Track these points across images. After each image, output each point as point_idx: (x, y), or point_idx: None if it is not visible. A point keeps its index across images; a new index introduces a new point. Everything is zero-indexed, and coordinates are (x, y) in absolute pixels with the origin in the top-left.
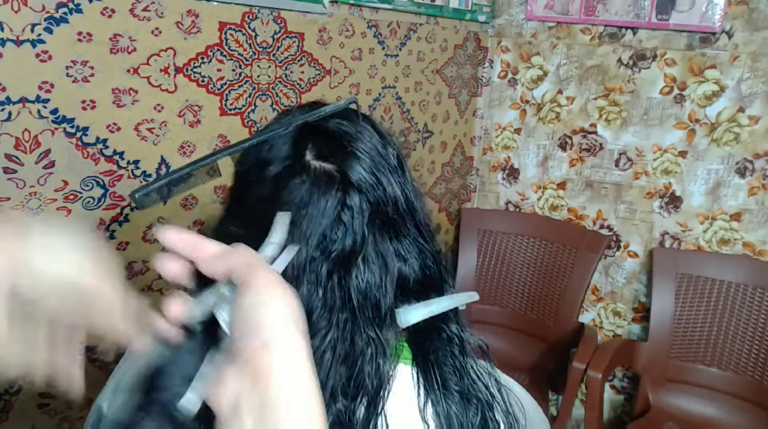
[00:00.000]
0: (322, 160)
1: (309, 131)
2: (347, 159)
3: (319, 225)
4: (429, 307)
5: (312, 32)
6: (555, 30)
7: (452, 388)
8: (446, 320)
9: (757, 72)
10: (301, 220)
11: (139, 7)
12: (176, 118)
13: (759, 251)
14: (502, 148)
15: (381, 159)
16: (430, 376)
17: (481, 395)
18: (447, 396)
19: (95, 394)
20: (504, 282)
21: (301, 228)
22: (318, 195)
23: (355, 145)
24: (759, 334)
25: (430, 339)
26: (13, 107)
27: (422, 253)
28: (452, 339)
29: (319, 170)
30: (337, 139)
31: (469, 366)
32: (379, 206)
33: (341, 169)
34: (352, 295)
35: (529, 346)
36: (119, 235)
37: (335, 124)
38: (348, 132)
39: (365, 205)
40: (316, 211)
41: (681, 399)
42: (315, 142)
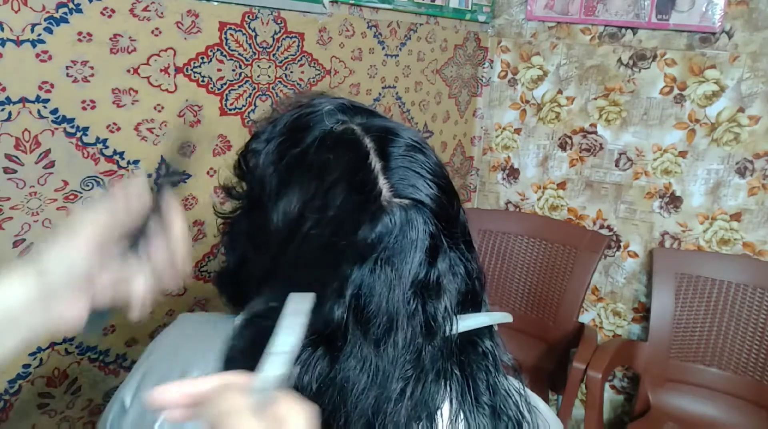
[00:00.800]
0: (402, 197)
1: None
2: (421, 186)
3: (412, 261)
4: (466, 321)
5: (312, 32)
6: (555, 30)
7: (484, 403)
8: (481, 336)
9: (757, 72)
10: (395, 258)
11: (139, 7)
12: (176, 118)
13: (759, 251)
14: (502, 148)
15: (444, 177)
16: (463, 389)
17: (512, 413)
18: (479, 409)
19: (95, 393)
20: (504, 282)
21: (396, 268)
22: (408, 231)
23: (425, 168)
24: (759, 334)
25: (465, 352)
26: (13, 107)
27: (467, 267)
28: (486, 355)
29: (401, 206)
30: (410, 168)
31: (501, 383)
32: (449, 224)
33: (419, 200)
34: (438, 323)
35: (529, 346)
36: None
37: (402, 149)
38: (415, 157)
39: (442, 229)
40: (408, 248)
41: (681, 399)
42: (391, 177)
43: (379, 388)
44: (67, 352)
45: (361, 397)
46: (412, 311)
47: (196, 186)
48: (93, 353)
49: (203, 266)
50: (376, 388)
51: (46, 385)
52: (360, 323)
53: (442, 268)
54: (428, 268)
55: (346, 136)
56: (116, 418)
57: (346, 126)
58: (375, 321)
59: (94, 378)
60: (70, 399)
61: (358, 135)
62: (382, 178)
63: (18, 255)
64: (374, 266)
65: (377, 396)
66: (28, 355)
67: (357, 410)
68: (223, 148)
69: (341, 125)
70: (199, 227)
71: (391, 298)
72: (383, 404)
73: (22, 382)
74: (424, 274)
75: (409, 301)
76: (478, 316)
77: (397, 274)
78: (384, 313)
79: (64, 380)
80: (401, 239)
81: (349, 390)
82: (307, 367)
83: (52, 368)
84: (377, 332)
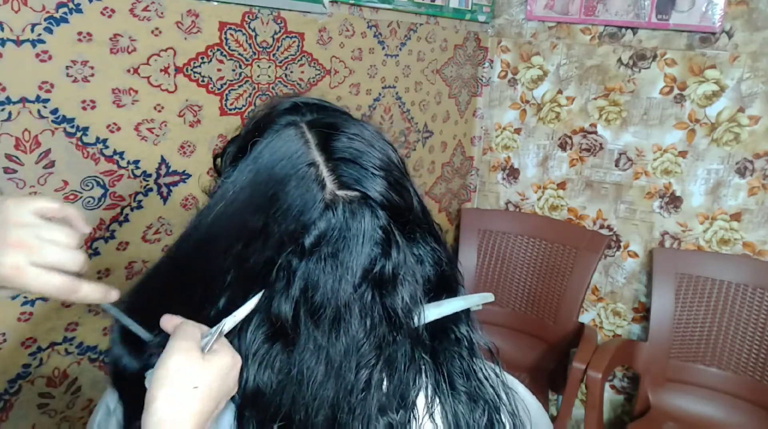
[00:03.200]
0: (346, 188)
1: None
2: (367, 180)
3: (360, 254)
4: (440, 307)
5: (312, 32)
6: (555, 30)
7: (460, 389)
8: (457, 321)
9: (757, 72)
10: (340, 253)
11: (139, 7)
12: (176, 118)
13: (759, 251)
14: (502, 148)
15: (394, 168)
16: (438, 376)
17: (488, 396)
18: (454, 396)
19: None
20: (504, 282)
21: (342, 261)
22: (353, 225)
23: (370, 162)
24: (759, 334)
25: (438, 339)
26: (13, 107)
27: (435, 254)
28: (461, 340)
29: (346, 199)
30: (354, 161)
31: (477, 367)
32: (402, 216)
33: (365, 192)
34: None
35: (529, 346)
36: (119, 235)
37: (346, 142)
38: (360, 150)
39: (392, 220)
40: (354, 242)
41: (681, 399)
42: (334, 171)
43: (336, 379)
44: (67, 352)
45: (318, 389)
46: (368, 302)
47: (196, 186)
48: (93, 353)
49: None
50: (334, 379)
51: (46, 385)
52: (310, 315)
53: (398, 260)
54: (382, 261)
55: (290, 134)
56: (102, 422)
57: (293, 124)
58: (323, 312)
59: (94, 378)
60: (70, 399)
61: (302, 131)
62: (325, 172)
63: None
64: (319, 259)
65: (336, 387)
66: (28, 355)
67: (316, 402)
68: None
69: (289, 124)
70: None
71: (339, 289)
72: (344, 395)
73: (22, 382)
74: (377, 267)
75: (363, 294)
76: (452, 302)
77: (343, 266)
78: (332, 304)
79: (64, 380)
80: (346, 232)
81: (306, 382)
82: (265, 364)
83: (52, 368)
84: (327, 323)
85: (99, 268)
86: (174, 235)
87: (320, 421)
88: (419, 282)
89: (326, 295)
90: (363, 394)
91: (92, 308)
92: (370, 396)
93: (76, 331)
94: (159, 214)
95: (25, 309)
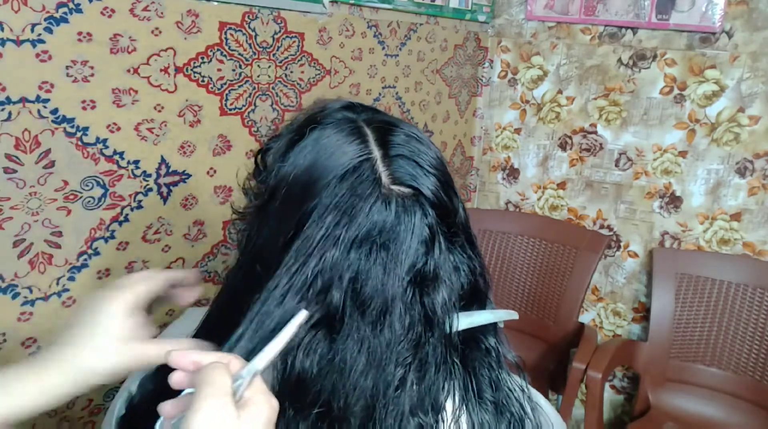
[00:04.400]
0: (400, 184)
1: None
2: (421, 178)
3: (409, 249)
4: (470, 318)
5: (312, 32)
6: (555, 30)
7: (487, 399)
8: (485, 333)
9: (757, 72)
10: (391, 246)
11: (139, 7)
12: (176, 118)
13: (759, 251)
14: (502, 148)
15: (446, 170)
16: (467, 383)
17: (514, 409)
18: (481, 405)
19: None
20: (504, 282)
21: (393, 255)
22: (404, 220)
23: (426, 160)
24: (759, 334)
25: (469, 348)
26: (13, 107)
27: (471, 264)
28: (490, 351)
29: (399, 194)
30: (410, 158)
31: (504, 380)
32: (448, 218)
33: (418, 189)
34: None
35: (529, 346)
36: (119, 235)
37: (403, 139)
38: (417, 148)
39: (440, 221)
40: (404, 237)
41: (681, 399)
42: (390, 166)
43: (377, 371)
44: None
45: (359, 379)
46: (409, 299)
47: (196, 186)
48: None
49: (203, 266)
50: (374, 370)
51: None
52: (357, 306)
53: (440, 260)
54: (425, 258)
55: (349, 127)
56: (124, 407)
57: (351, 120)
58: (371, 303)
59: None
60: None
61: (359, 126)
62: (381, 166)
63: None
64: (371, 250)
65: (375, 379)
66: (29, 355)
67: (356, 391)
68: (223, 148)
69: (347, 119)
70: (199, 227)
71: (387, 282)
72: (382, 388)
73: None
74: (421, 263)
75: (406, 289)
76: (482, 314)
77: (393, 259)
78: (380, 296)
79: None
80: (398, 226)
81: (347, 371)
82: (308, 351)
83: None
84: (374, 314)
85: (99, 268)
86: (174, 235)
87: (358, 410)
88: (455, 288)
89: (375, 288)
90: (398, 391)
91: None
92: (404, 394)
93: None
94: (159, 214)
95: (25, 309)
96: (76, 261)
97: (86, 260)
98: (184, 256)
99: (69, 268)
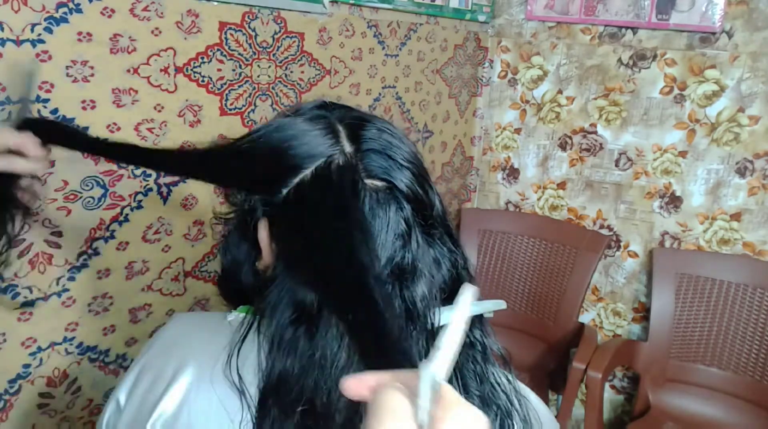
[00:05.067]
0: (374, 178)
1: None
2: (395, 171)
3: (384, 243)
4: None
5: (312, 32)
6: (555, 30)
7: (473, 392)
8: (470, 325)
9: (757, 72)
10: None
11: (139, 7)
12: (176, 118)
13: (759, 251)
14: (502, 148)
15: (420, 163)
16: (451, 377)
17: (501, 402)
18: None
19: (95, 393)
20: (504, 282)
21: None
22: (379, 214)
23: (399, 154)
24: (759, 334)
25: None
26: (14, 107)
27: (452, 257)
28: (474, 344)
29: (372, 188)
30: (383, 152)
31: (490, 372)
32: (424, 211)
33: (392, 183)
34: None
35: (529, 346)
36: (119, 235)
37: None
38: (390, 142)
39: (415, 214)
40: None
41: (681, 399)
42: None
43: (359, 365)
44: (67, 352)
45: (341, 373)
46: (388, 293)
47: (196, 186)
48: (93, 353)
49: (203, 266)
50: (356, 365)
51: (46, 385)
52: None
53: (417, 254)
54: (403, 252)
55: (320, 123)
56: (112, 417)
57: (322, 117)
58: None
59: (94, 378)
60: (70, 399)
61: (332, 122)
62: (353, 160)
63: (17, 255)
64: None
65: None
66: (29, 355)
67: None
68: None
69: (318, 116)
70: (199, 227)
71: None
72: None
73: (22, 382)
74: (399, 256)
75: (385, 283)
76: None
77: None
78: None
79: (64, 380)
80: (372, 220)
81: (328, 367)
82: (288, 349)
83: (52, 368)
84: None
85: (99, 268)
86: (174, 235)
87: (342, 406)
88: (435, 280)
89: None
90: None
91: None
92: None
93: (76, 331)
94: (159, 214)
95: (25, 309)
96: (76, 261)
97: (86, 260)
98: (184, 256)
99: (69, 268)
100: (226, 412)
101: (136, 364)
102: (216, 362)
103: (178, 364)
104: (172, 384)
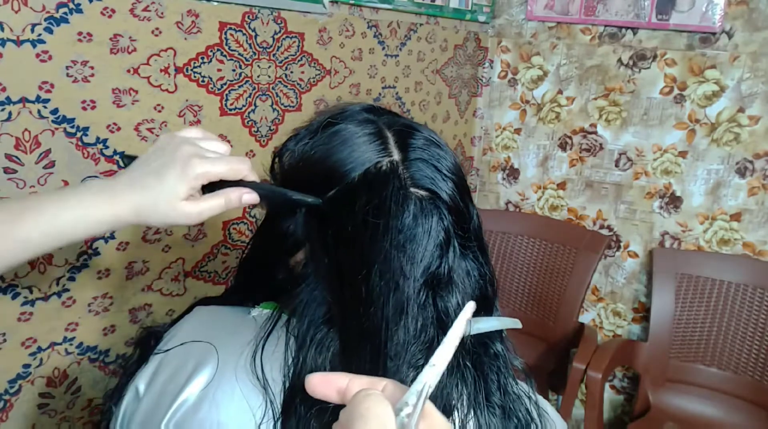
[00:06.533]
0: (419, 187)
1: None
2: (439, 181)
3: (425, 251)
4: (477, 324)
5: (312, 32)
6: (555, 30)
7: (495, 403)
8: (492, 338)
9: (757, 72)
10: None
11: (139, 7)
12: (176, 118)
13: (759, 251)
14: (502, 148)
15: (462, 176)
16: (475, 388)
17: (521, 415)
18: (489, 409)
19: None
20: (504, 282)
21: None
22: (421, 221)
23: (444, 165)
24: (759, 334)
25: (477, 352)
26: (13, 107)
27: (482, 271)
28: (498, 356)
29: (417, 197)
30: (429, 162)
31: (511, 385)
32: (463, 223)
33: (436, 192)
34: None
35: (529, 346)
36: (119, 235)
37: (423, 143)
38: (436, 152)
39: (455, 226)
40: (420, 238)
41: (681, 399)
42: (409, 168)
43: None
44: (67, 352)
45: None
46: (422, 302)
47: None
48: (93, 353)
49: (203, 266)
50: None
51: (46, 385)
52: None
53: (454, 264)
54: (440, 261)
55: (370, 127)
56: (130, 404)
57: (371, 121)
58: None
59: (94, 378)
60: (70, 399)
61: (380, 128)
62: (401, 168)
63: None
64: (388, 250)
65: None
66: (29, 355)
67: None
68: None
69: (367, 121)
70: (199, 227)
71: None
72: None
73: (22, 382)
74: (435, 266)
75: (420, 292)
76: (489, 320)
77: (409, 260)
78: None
79: (64, 380)
80: (415, 228)
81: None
82: (320, 348)
83: (52, 368)
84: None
85: (99, 268)
86: (174, 235)
87: None
88: (467, 292)
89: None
90: None
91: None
92: None
93: (76, 331)
94: None
95: (25, 309)
96: (76, 261)
97: (86, 260)
98: (184, 256)
99: (69, 268)
100: (248, 406)
101: (157, 355)
102: (239, 357)
103: (200, 357)
104: (194, 376)
